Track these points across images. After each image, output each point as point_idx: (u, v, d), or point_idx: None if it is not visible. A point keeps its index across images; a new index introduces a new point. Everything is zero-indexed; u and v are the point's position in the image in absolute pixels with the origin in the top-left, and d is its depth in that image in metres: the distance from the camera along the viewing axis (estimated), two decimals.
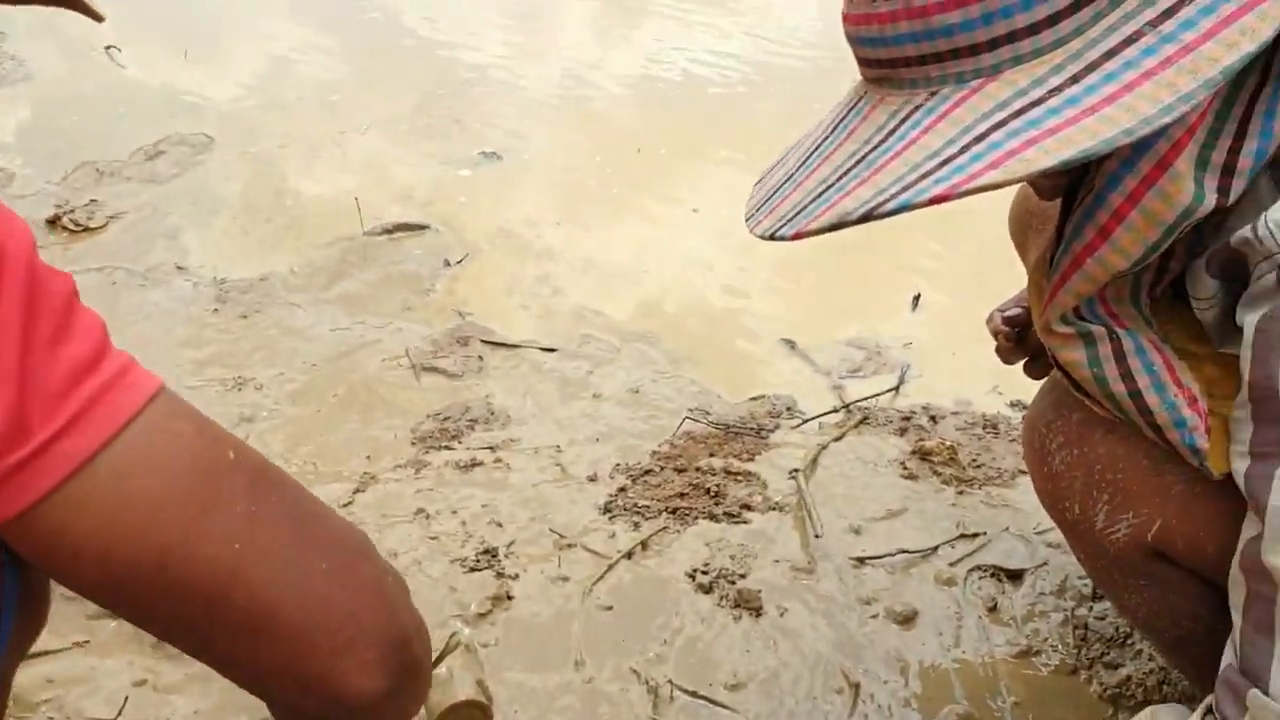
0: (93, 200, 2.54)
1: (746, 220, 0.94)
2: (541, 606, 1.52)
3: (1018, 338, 1.27)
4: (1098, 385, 0.95)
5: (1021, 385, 1.94)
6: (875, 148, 0.83)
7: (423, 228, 2.49)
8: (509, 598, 1.52)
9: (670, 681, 1.40)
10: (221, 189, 2.66)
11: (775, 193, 0.94)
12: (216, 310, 2.18)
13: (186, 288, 2.26)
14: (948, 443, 1.81)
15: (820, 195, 0.85)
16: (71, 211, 2.47)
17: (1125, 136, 0.74)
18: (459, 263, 2.37)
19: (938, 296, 2.25)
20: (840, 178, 0.84)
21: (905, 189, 0.78)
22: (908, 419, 1.90)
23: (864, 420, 1.90)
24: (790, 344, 2.12)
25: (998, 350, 1.29)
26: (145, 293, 2.24)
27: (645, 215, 2.60)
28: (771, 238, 0.88)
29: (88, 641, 1.43)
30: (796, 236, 0.85)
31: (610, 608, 1.52)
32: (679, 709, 1.37)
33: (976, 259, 2.35)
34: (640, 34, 3.62)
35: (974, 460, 1.80)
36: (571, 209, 2.61)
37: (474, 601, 1.50)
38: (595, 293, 2.30)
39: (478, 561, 1.57)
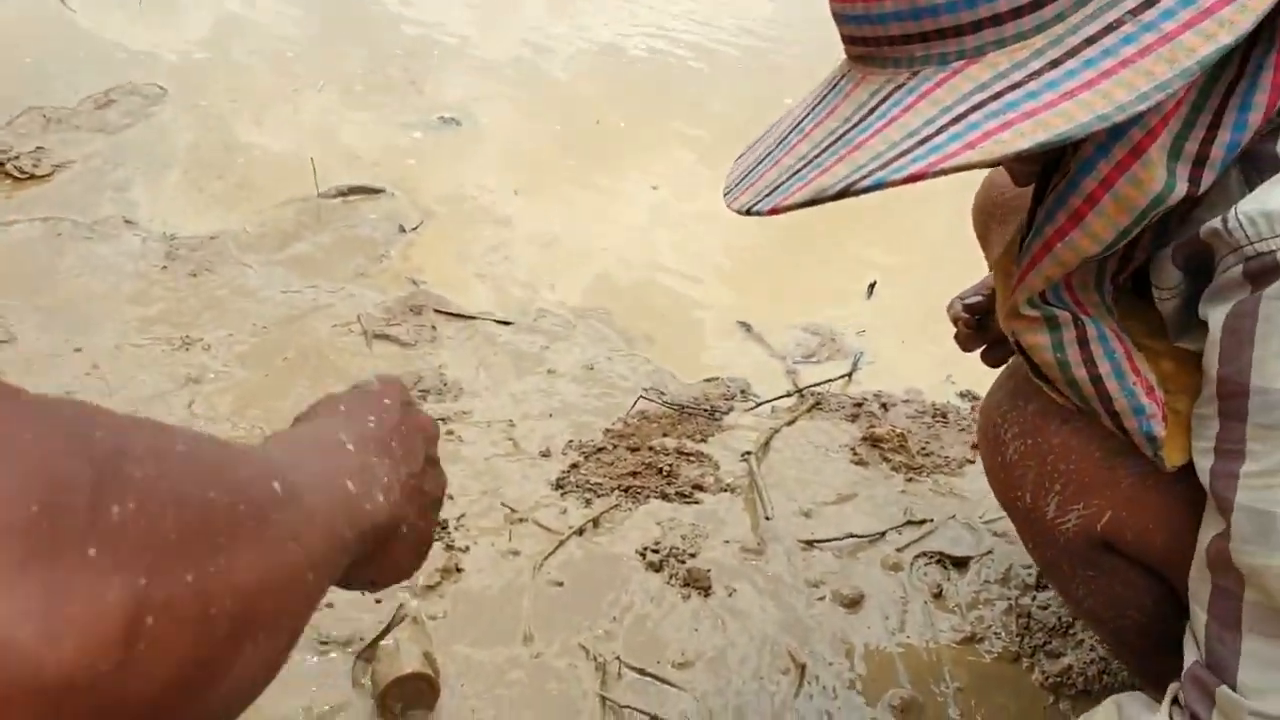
0: (39, 147, 2.47)
1: (725, 195, 0.94)
2: (491, 580, 1.51)
3: (978, 325, 1.28)
4: (1060, 370, 0.97)
5: (972, 376, 1.97)
6: (855, 126, 0.84)
7: (378, 192, 2.45)
8: (458, 570, 1.51)
9: (619, 658, 1.40)
10: (173, 142, 2.60)
11: (754, 169, 0.94)
12: (165, 267, 2.14)
13: (135, 242, 2.20)
14: (898, 430, 1.83)
15: (798, 172, 0.85)
16: (16, 158, 2.40)
17: (1100, 122, 0.75)
18: (414, 229, 2.34)
19: (893, 285, 2.26)
20: (819, 154, 0.85)
21: (882, 166, 0.79)
22: (859, 405, 1.91)
23: (816, 405, 1.91)
24: (746, 327, 2.12)
25: (957, 337, 1.30)
26: (92, 245, 2.19)
27: (604, 189, 2.58)
28: (748, 213, 0.88)
29: None
30: (773, 211, 0.85)
31: (560, 583, 1.52)
32: (627, 686, 1.37)
33: (932, 249, 2.37)
34: (601, 5, 3.59)
35: (923, 448, 1.82)
36: (530, 179, 2.58)
37: (422, 573, 1.49)
38: (552, 267, 2.28)
39: None
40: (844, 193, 0.80)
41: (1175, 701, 0.88)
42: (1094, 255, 0.92)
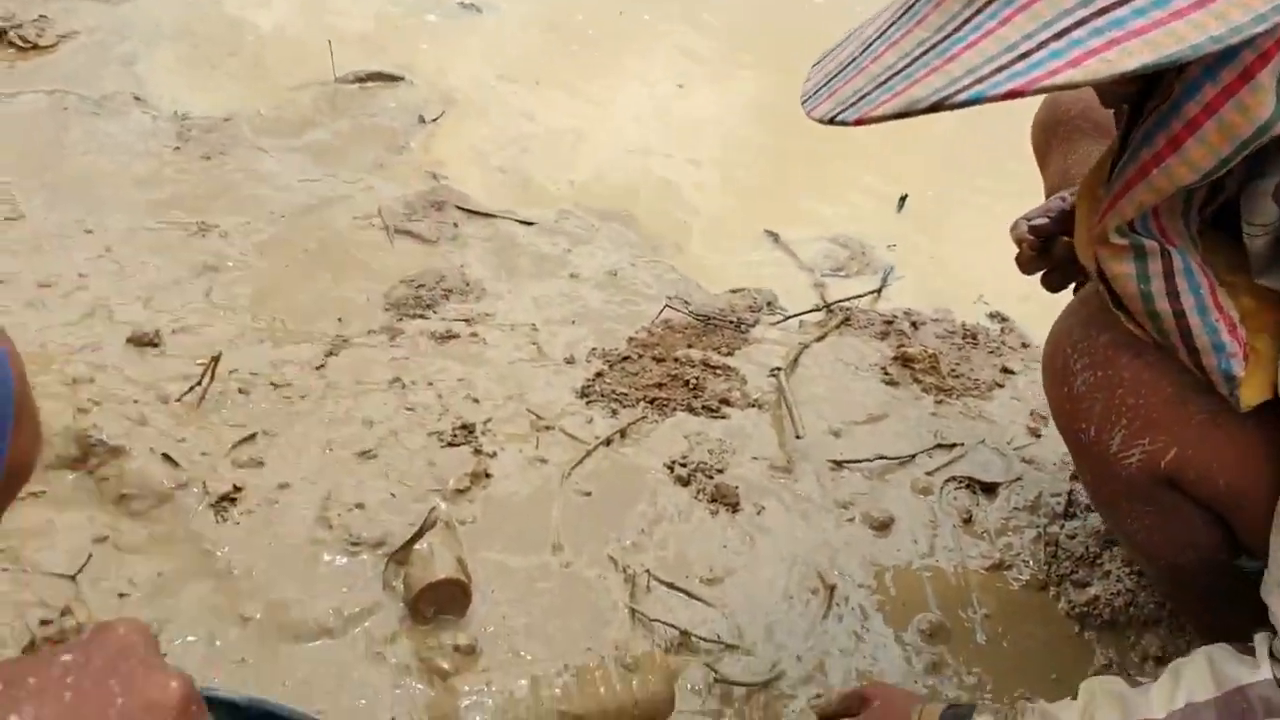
0: (42, 16, 2.36)
1: (803, 102, 0.89)
2: (519, 487, 1.49)
3: (1042, 248, 1.24)
4: (1143, 302, 0.94)
5: (1003, 298, 1.94)
6: (948, 36, 0.79)
7: (397, 79, 2.36)
8: (487, 476, 1.49)
9: (648, 571, 1.39)
10: (179, 14, 2.49)
11: (836, 76, 0.89)
12: (178, 149, 2.06)
13: (145, 121, 2.12)
14: (930, 351, 1.80)
15: (885, 81, 0.81)
16: (19, 26, 2.30)
17: (1213, 44, 0.71)
18: (434, 120, 2.26)
19: (924, 200, 2.21)
20: (909, 64, 0.80)
21: (979, 81, 0.74)
22: (889, 323, 1.88)
23: (845, 321, 1.88)
24: (774, 236, 2.08)
25: (1018, 259, 1.27)
26: (99, 122, 2.11)
27: (628, 85, 2.50)
28: (831, 121, 0.83)
29: (44, 492, 1.37)
30: (859, 122, 0.81)
31: (588, 493, 1.50)
32: (656, 599, 1.37)
33: (967, 164, 2.32)
34: None
35: (953, 370, 1.80)
36: (552, 70, 2.50)
37: (452, 477, 1.47)
38: (574, 164, 2.22)
39: (455, 437, 1.53)
40: (937, 106, 0.76)
41: (1271, 655, 0.87)
42: (1191, 184, 0.88)
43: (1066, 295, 1.32)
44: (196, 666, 1.20)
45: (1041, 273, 1.30)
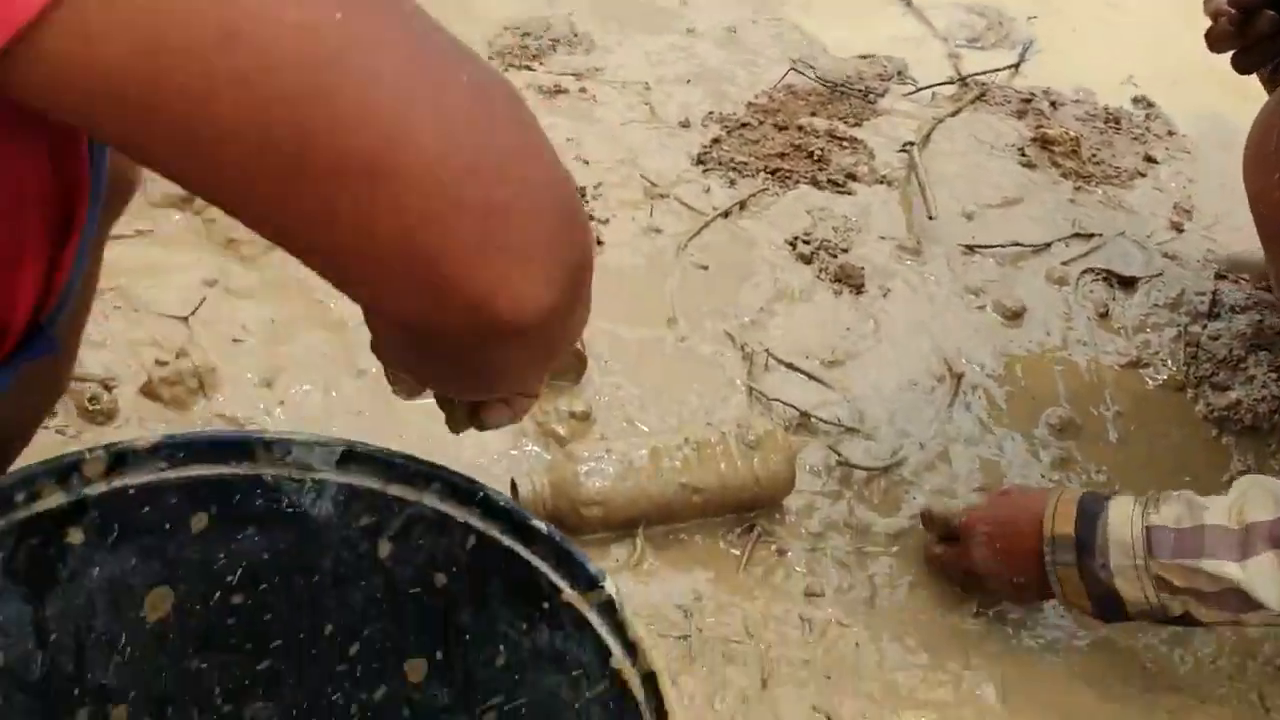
0: None
1: None
2: (633, 257, 1.42)
3: (1241, 22, 1.10)
4: None
5: (1154, 81, 1.79)
6: None
7: None
8: (600, 243, 1.42)
9: (767, 351, 1.33)
10: None
11: None
12: None
13: None
14: (1071, 133, 1.67)
15: None
16: None
17: None
18: None
19: None
20: None
21: None
22: (1028, 101, 1.75)
23: (981, 96, 1.74)
24: (906, 0, 1.91)
25: (1209, 34, 1.13)
26: None
27: None
28: None
29: (152, 231, 1.32)
30: None
31: (705, 267, 1.43)
32: (775, 379, 1.32)
33: None
34: None
35: (1094, 155, 1.67)
36: None
37: None
38: None
39: None
40: None
41: None
42: None
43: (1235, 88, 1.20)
44: (315, 415, 1.18)
45: (1234, 51, 1.16)
